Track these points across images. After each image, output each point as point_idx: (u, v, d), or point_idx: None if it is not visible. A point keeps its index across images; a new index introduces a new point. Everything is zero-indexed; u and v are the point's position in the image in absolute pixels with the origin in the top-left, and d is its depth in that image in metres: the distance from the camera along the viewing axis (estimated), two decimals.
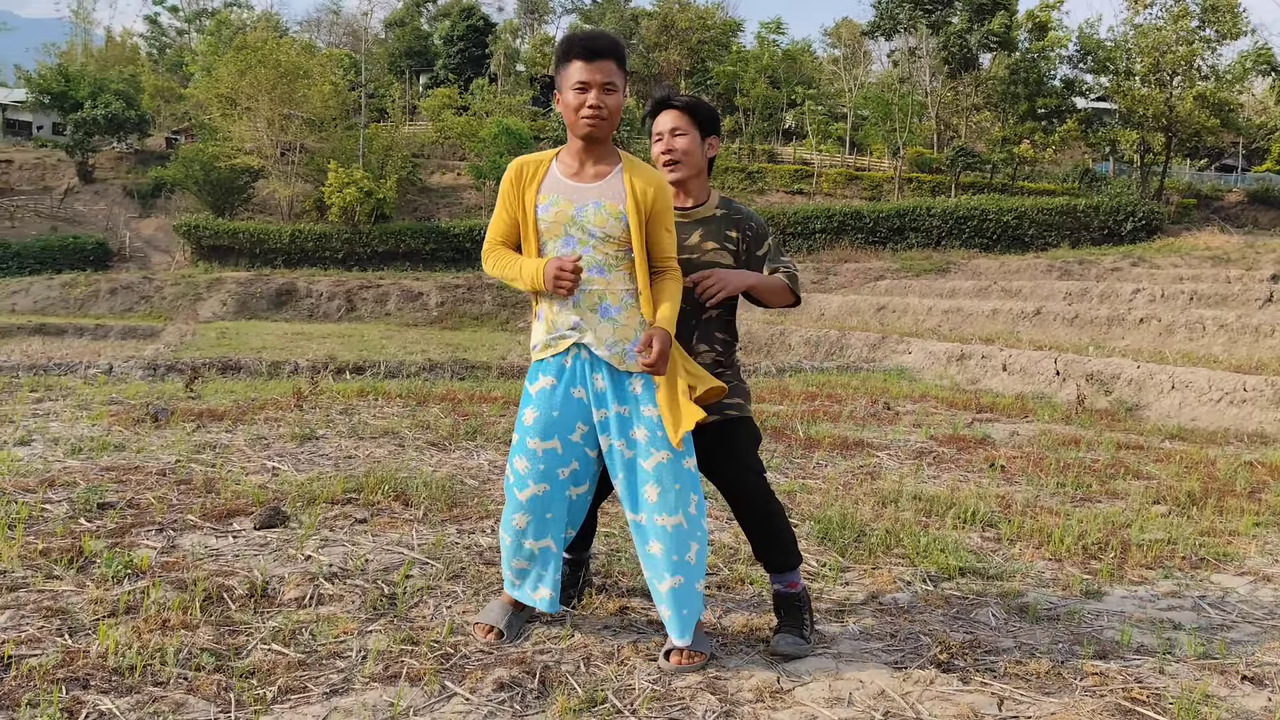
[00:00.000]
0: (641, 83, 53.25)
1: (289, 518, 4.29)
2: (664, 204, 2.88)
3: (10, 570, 3.37)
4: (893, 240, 34.70)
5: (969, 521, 4.71)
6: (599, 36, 2.83)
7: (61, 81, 46.66)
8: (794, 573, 3.11)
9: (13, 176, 48.74)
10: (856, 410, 8.82)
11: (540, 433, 2.87)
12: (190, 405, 7.39)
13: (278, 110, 38.19)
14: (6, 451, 5.51)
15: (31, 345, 25.72)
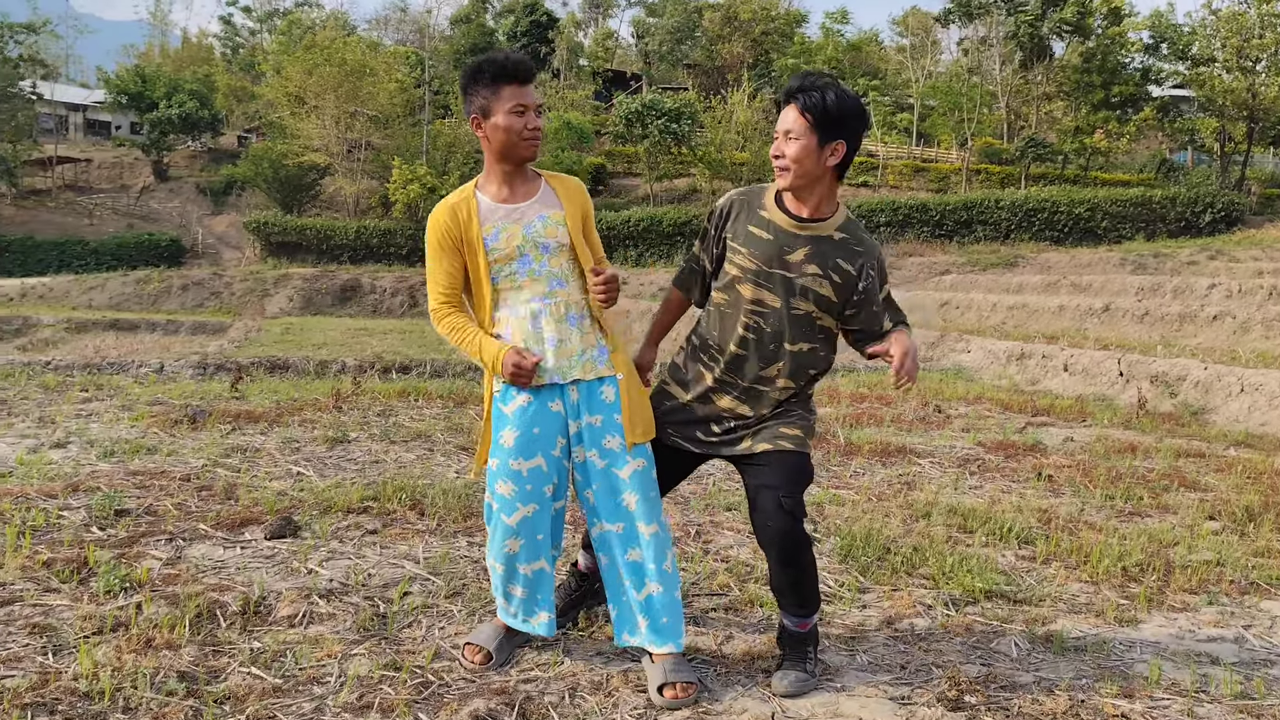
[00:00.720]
0: (704, 75, 52.92)
1: (300, 527, 4.25)
2: (589, 206, 2.98)
3: (10, 583, 3.36)
4: (959, 233, 33.99)
5: (1003, 538, 4.50)
6: (525, 60, 2.82)
7: (138, 82, 47.95)
8: (812, 615, 2.95)
9: (92, 175, 50.29)
10: (904, 413, 8.57)
11: (523, 452, 2.77)
12: (229, 406, 7.44)
13: (344, 108, 38.76)
14: (41, 454, 5.58)
15: (105, 339, 26.50)
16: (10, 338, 27.13)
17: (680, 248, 36.58)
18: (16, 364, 9.49)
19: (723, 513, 4.82)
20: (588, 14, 71.46)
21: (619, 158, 44.39)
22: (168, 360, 10.31)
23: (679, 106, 39.33)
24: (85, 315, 30.33)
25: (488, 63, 2.77)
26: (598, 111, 48.20)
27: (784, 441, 2.84)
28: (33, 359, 9.82)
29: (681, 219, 36.83)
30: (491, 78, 2.75)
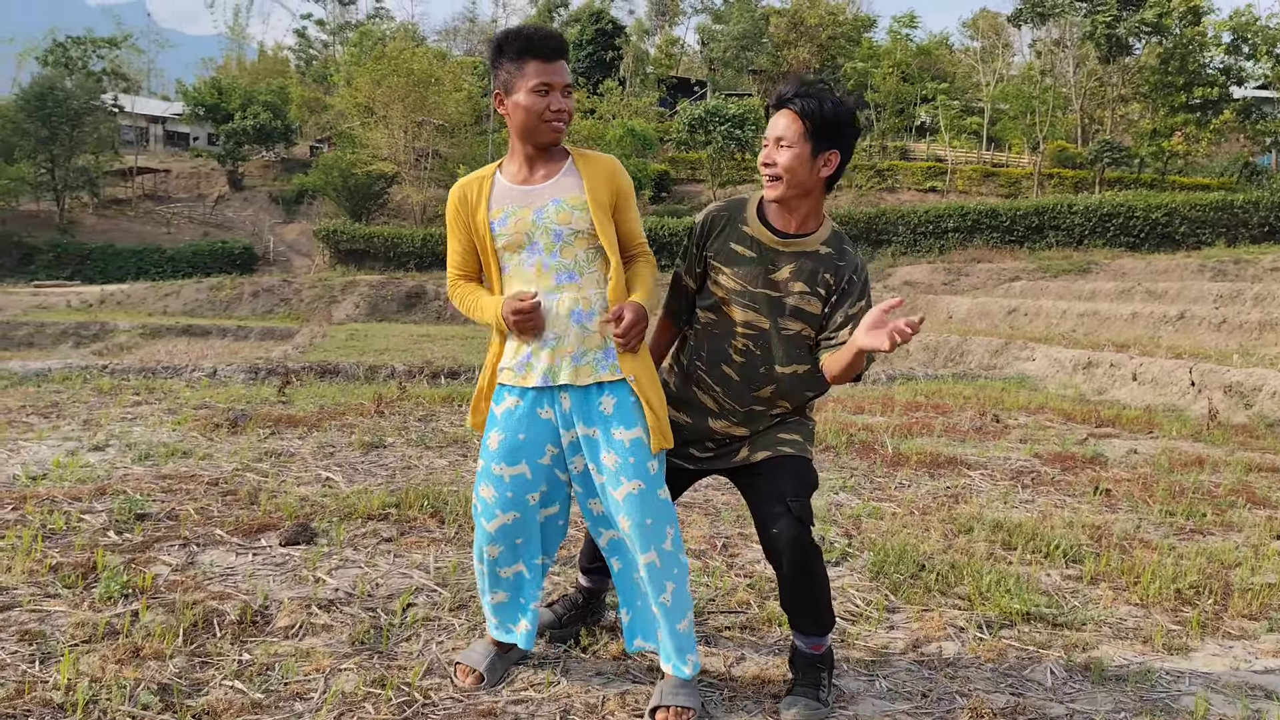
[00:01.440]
0: (769, 81, 52.57)
1: (316, 534, 4.17)
2: (625, 184, 2.68)
3: (12, 587, 3.32)
4: (1030, 239, 33.16)
5: (1049, 556, 4.24)
6: (554, 34, 2.59)
7: (215, 94, 49.12)
8: (826, 636, 2.77)
9: (171, 185, 51.68)
10: (960, 423, 8.28)
11: (505, 457, 2.63)
12: (272, 411, 7.44)
13: (411, 117, 39.24)
14: (78, 457, 5.61)
15: (178, 345, 27.15)
16: (88, 342, 27.93)
17: None
18: (74, 368, 9.66)
19: (752, 525, 4.63)
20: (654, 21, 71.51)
21: (682, 164, 44.26)
22: (221, 365, 10.42)
23: (742, 112, 39.06)
24: (160, 321, 31.07)
25: (514, 35, 2.58)
26: (662, 119, 48.13)
27: (784, 447, 2.70)
28: (89, 363, 9.98)
29: None
30: (517, 52, 2.55)
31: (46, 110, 42.88)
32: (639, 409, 2.61)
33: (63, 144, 43.55)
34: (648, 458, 2.59)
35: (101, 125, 46.05)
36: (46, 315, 31.59)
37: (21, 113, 43.31)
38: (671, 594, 2.61)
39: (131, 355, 23.10)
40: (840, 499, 5.26)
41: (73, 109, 43.80)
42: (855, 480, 5.79)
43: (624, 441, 2.57)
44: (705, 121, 39.00)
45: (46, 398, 7.94)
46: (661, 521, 2.60)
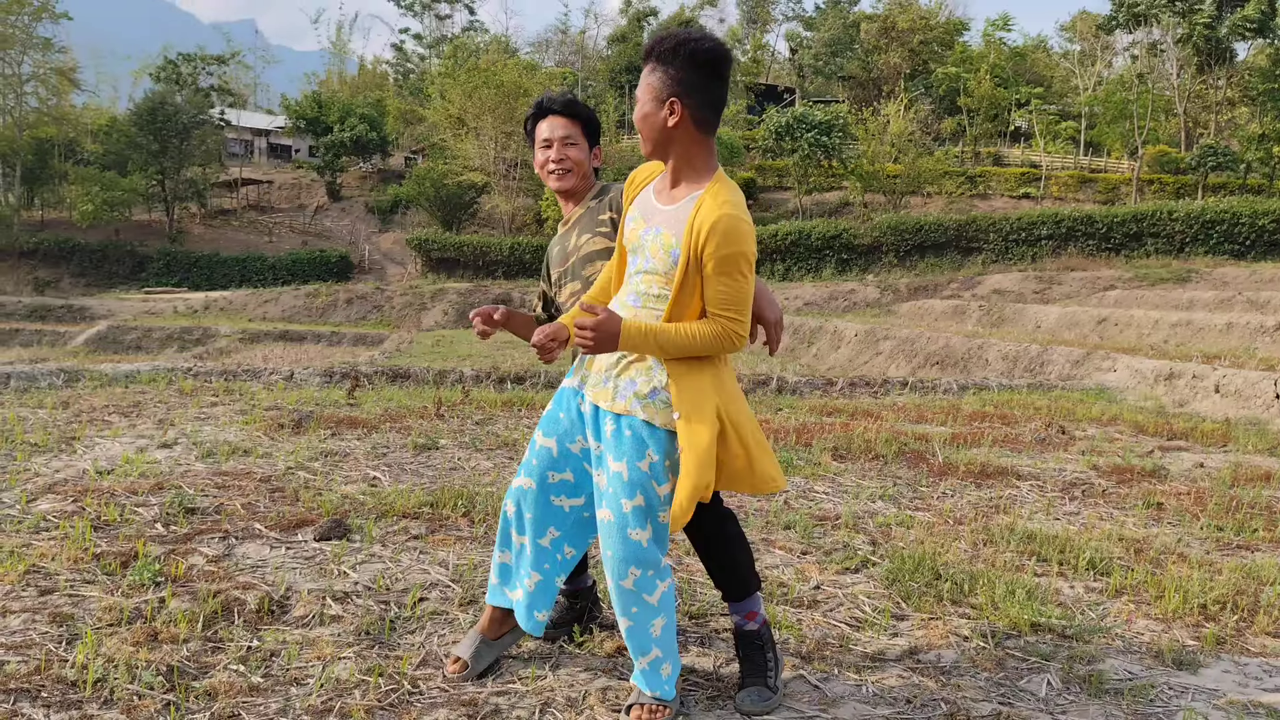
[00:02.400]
0: (860, 87, 52.04)
1: (350, 530, 4.33)
2: (716, 250, 2.41)
3: (56, 573, 3.55)
4: (1127, 247, 32.18)
5: (1077, 568, 4.16)
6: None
7: (315, 108, 50.74)
8: (750, 600, 2.82)
9: (273, 196, 53.56)
10: (1023, 434, 8.11)
11: (545, 428, 2.78)
12: (337, 413, 7.71)
13: (500, 129, 39.96)
14: (146, 454, 5.91)
15: (274, 349, 28.11)
16: (191, 346, 29.14)
17: (828, 261, 36.01)
18: (161, 370, 10.13)
19: (780, 530, 4.66)
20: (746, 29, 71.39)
21: (770, 171, 44.11)
22: (298, 368, 10.80)
23: (829, 119, 38.76)
24: (259, 327, 32.21)
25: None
26: (750, 126, 48.01)
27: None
28: (177, 366, 10.45)
29: (830, 232, 36.26)
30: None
31: (158, 125, 44.90)
32: (636, 445, 2.54)
33: (172, 157, 45.53)
34: (625, 495, 2.54)
35: (209, 139, 48.01)
36: (154, 320, 32.97)
37: (135, 127, 45.45)
38: (626, 631, 2.61)
39: (230, 359, 24.03)
40: (876, 507, 5.24)
41: (182, 123, 45.77)
42: (898, 489, 5.74)
43: (609, 470, 2.58)
44: (791, 128, 38.80)
45: (131, 398, 8.35)
46: (626, 561, 2.54)
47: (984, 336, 18.25)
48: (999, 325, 23.14)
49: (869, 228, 36.09)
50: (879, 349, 21.04)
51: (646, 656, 2.60)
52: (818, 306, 31.40)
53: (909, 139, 38.77)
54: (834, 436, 7.18)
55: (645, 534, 2.55)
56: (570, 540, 2.83)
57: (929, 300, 28.58)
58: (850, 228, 36.49)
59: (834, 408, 9.45)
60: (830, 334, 24.09)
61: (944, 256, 34.61)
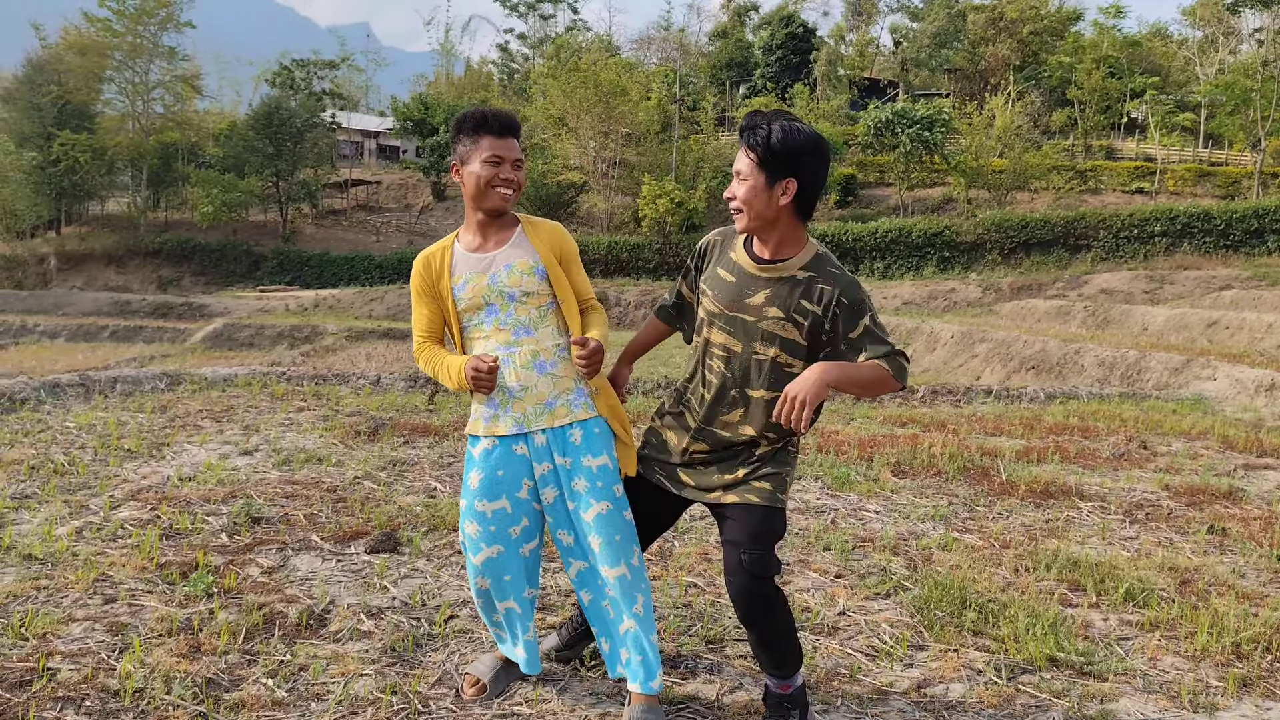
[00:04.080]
0: (966, 80, 50.82)
1: (401, 543, 4.54)
2: (568, 247, 3.00)
3: (121, 581, 3.83)
4: (1247, 245, 30.78)
5: (1116, 600, 4.10)
6: (507, 114, 2.93)
7: (421, 109, 51.96)
8: (792, 677, 2.85)
9: (381, 196, 55.09)
10: (1100, 448, 7.92)
11: (486, 494, 2.87)
12: (413, 419, 7.99)
13: (599, 128, 40.32)
14: (227, 461, 6.25)
15: (377, 348, 28.96)
16: (300, 344, 30.26)
17: (930, 259, 35.35)
18: (256, 373, 10.61)
19: (819, 552, 4.69)
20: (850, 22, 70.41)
21: (870, 168, 43.47)
22: (385, 372, 11.18)
23: (931, 114, 37.99)
24: (364, 325, 33.25)
25: (470, 114, 2.90)
26: (853, 121, 47.36)
27: (751, 495, 2.74)
28: (264, 368, 10.93)
29: (932, 229, 35.60)
30: (473, 128, 2.87)
31: (273, 128, 46.64)
32: (605, 439, 2.90)
33: (287, 159, 47.24)
34: (614, 482, 2.88)
35: (321, 141, 49.64)
36: (267, 318, 34.27)
37: (252, 131, 47.31)
38: (642, 605, 2.84)
39: (335, 356, 24.90)
40: (924, 528, 5.22)
41: (295, 127, 47.44)
42: (952, 508, 5.70)
43: (592, 468, 2.84)
44: (891, 124, 38.17)
45: (224, 402, 8.80)
46: (628, 540, 2.86)
47: (1082, 340, 17.72)
48: (1104, 327, 22.43)
49: (972, 225, 35.31)
50: (974, 352, 20.61)
51: (653, 634, 2.86)
52: (916, 306, 30.89)
53: (1016, 133, 37.72)
54: (898, 450, 7.14)
55: (630, 513, 2.91)
56: (532, 582, 3.01)
57: (1032, 300, 27.84)
58: (952, 224, 35.76)
59: (909, 418, 9.36)
60: (926, 335, 23.69)
61: (1050, 254, 33.64)
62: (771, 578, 2.71)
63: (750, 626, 2.74)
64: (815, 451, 7.08)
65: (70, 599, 3.63)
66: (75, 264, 45.35)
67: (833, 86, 52.34)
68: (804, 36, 54.09)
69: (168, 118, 51.00)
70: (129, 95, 49.99)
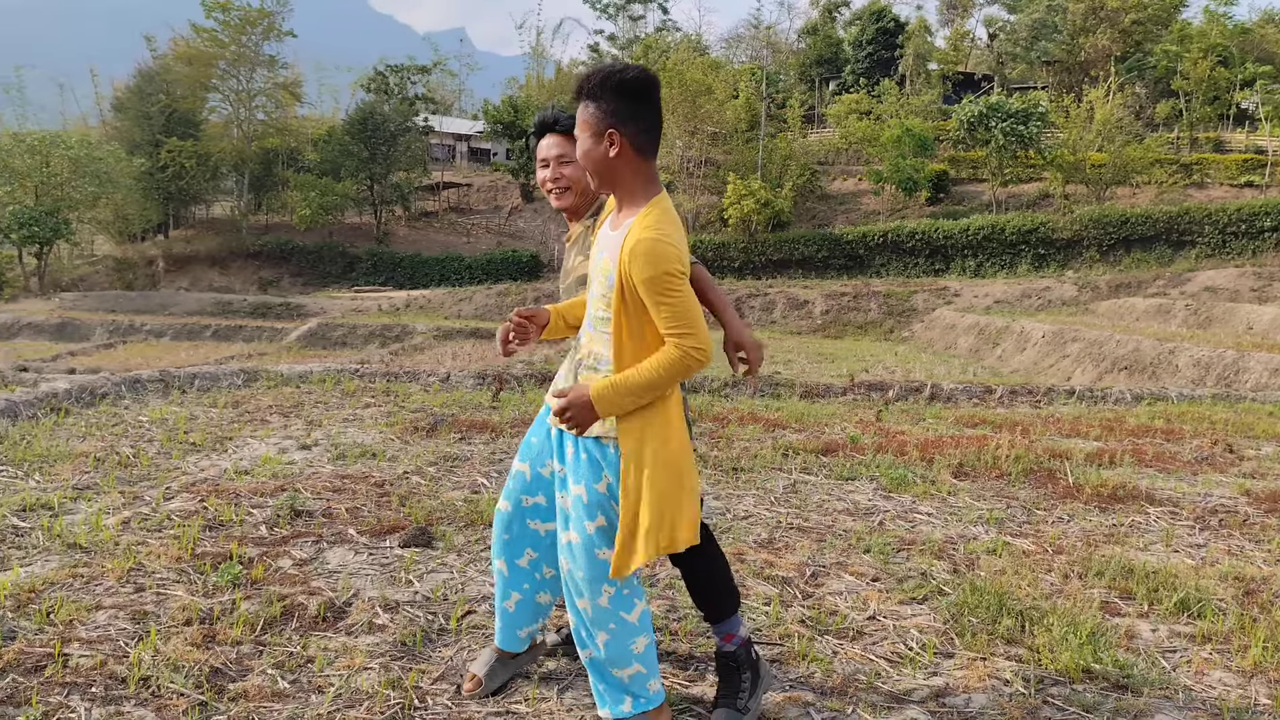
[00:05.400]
0: (1064, 72, 49.30)
1: (434, 538, 4.55)
2: (640, 273, 2.42)
3: (155, 571, 3.91)
4: None
5: (1167, 609, 3.87)
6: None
7: (510, 112, 52.60)
8: (729, 622, 2.81)
9: (472, 198, 55.95)
10: (1182, 452, 7.55)
11: (521, 453, 2.91)
12: (473, 417, 8.04)
13: (684, 127, 40.26)
14: (285, 455, 6.37)
15: (464, 346, 29.40)
16: (390, 343, 30.90)
17: (1024, 256, 34.37)
18: (331, 370, 10.83)
19: (859, 555, 4.55)
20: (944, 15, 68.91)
21: (963, 164, 42.46)
22: (455, 370, 11.30)
23: (1026, 107, 36.92)
24: (452, 324, 33.79)
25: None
26: (945, 117, 46.33)
27: None
28: (338, 365, 11.14)
29: (1027, 226, 34.61)
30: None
31: (367, 133, 47.74)
32: (591, 468, 2.60)
33: (381, 163, 48.31)
34: (587, 517, 2.60)
35: (413, 145, 50.62)
36: (360, 318, 35.09)
37: (348, 135, 48.51)
38: (605, 643, 2.64)
39: (422, 354, 25.34)
40: (974, 531, 5.03)
41: (389, 131, 48.48)
42: (1010, 512, 5.48)
43: (571, 492, 2.66)
44: (985, 118, 37.21)
45: (295, 398, 8.99)
46: (595, 579, 2.60)
47: (1179, 339, 16.99)
48: (1205, 326, 21.50)
49: (1069, 221, 34.22)
50: (1066, 351, 19.96)
51: (627, 670, 2.64)
52: (1008, 305, 30.05)
53: (1116, 126, 36.41)
54: (961, 452, 6.91)
55: (607, 552, 2.60)
56: (548, 561, 2.92)
57: (1131, 299, 26.84)
58: (1048, 221, 34.71)
59: (981, 419, 9.07)
60: (1016, 335, 23.04)
61: (1151, 251, 32.40)
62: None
63: (682, 562, 2.86)
64: (874, 452, 6.90)
65: (103, 587, 3.72)
66: (182, 266, 47.13)
67: (926, 81, 51.25)
68: (895, 31, 53.12)
69: (268, 124, 52.62)
70: (232, 103, 51.78)
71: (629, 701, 2.68)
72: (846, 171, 45.75)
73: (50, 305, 37.10)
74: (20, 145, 40.54)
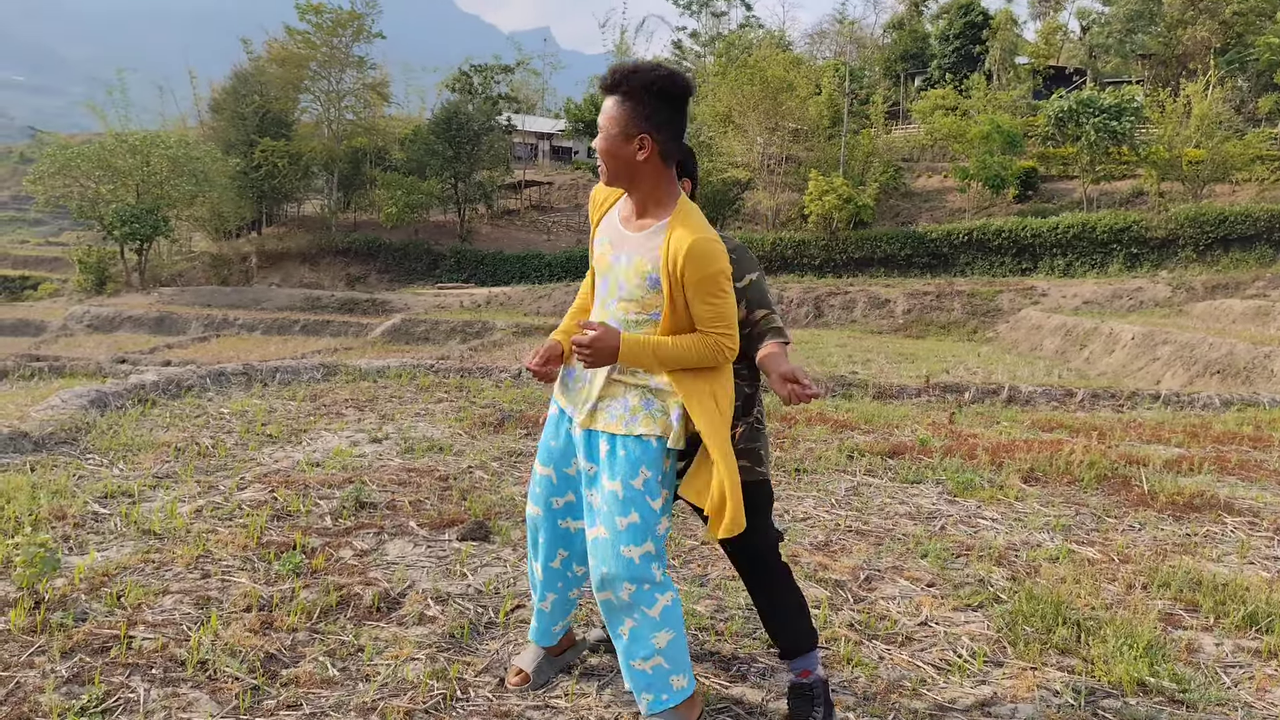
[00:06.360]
0: (1161, 66, 47.69)
1: (491, 532, 4.63)
2: (694, 273, 2.51)
3: (222, 559, 4.05)
4: None
5: (1234, 623, 3.74)
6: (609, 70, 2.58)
7: (592, 110, 52.83)
8: (806, 658, 2.77)
9: (553, 196, 56.43)
10: (1270, 460, 7.26)
11: (541, 457, 2.93)
12: (541, 412, 8.13)
13: (764, 124, 40.01)
14: (356, 448, 6.53)
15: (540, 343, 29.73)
16: (471, 339, 31.40)
17: (1115, 256, 33.36)
18: (408, 366, 11.05)
19: (915, 560, 4.49)
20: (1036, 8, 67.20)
21: (1053, 160, 41.36)
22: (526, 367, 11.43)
23: (1119, 103, 35.80)
24: (530, 321, 34.18)
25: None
26: (1035, 112, 45.19)
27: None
28: (414, 360, 11.35)
29: (1119, 225, 33.57)
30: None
31: (451, 132, 48.49)
32: (630, 465, 2.63)
33: (464, 162, 49.01)
34: (619, 513, 2.62)
35: (496, 144, 51.25)
36: (442, 314, 35.70)
37: (433, 135, 49.33)
38: (630, 631, 2.66)
39: (501, 350, 25.69)
40: (1039, 538, 4.92)
41: (473, 130, 49.16)
42: (1078, 519, 5.35)
43: (604, 489, 2.68)
44: (1075, 114, 36.19)
45: (370, 392, 9.20)
46: (617, 576, 2.62)
47: (1276, 344, 16.32)
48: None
49: (1163, 219, 33.10)
50: (1156, 354, 19.34)
51: (648, 661, 2.66)
52: (1098, 306, 29.21)
53: (1215, 121, 35.08)
54: (1033, 456, 6.77)
55: (638, 550, 2.62)
56: (579, 560, 2.97)
57: (1228, 300, 25.85)
58: (1141, 219, 33.61)
59: (1058, 422, 8.85)
60: (1105, 336, 22.39)
61: (1251, 251, 31.15)
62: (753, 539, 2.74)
63: (765, 594, 2.80)
64: (943, 456, 6.80)
65: (172, 573, 3.87)
66: (274, 262, 48.50)
67: (1016, 75, 50.02)
68: (983, 25, 51.91)
69: (357, 124, 53.75)
70: (323, 103, 53.02)
71: (651, 696, 2.70)
72: (931, 169, 44.95)
73: (149, 299, 38.52)
74: (122, 145, 42.10)
